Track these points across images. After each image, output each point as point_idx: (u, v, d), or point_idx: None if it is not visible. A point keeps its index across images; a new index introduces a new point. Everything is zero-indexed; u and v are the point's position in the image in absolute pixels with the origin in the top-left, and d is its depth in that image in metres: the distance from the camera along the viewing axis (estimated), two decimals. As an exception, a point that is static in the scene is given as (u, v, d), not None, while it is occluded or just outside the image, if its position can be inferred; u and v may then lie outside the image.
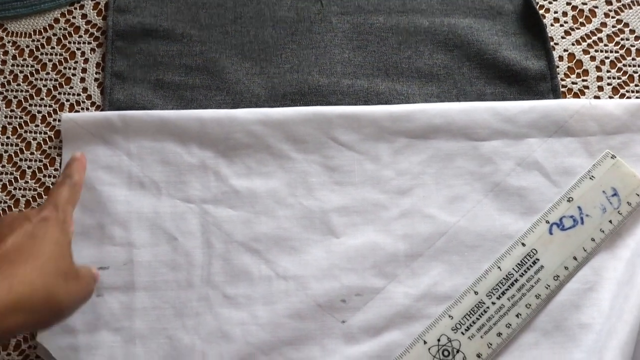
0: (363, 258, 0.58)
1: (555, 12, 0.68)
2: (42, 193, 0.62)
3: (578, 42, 0.67)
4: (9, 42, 0.67)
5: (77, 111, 0.65)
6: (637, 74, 0.65)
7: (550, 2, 0.68)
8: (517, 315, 0.56)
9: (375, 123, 0.61)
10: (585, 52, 0.66)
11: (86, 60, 0.66)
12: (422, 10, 0.67)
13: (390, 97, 0.64)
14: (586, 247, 0.58)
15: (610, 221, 0.58)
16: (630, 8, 0.67)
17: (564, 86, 0.65)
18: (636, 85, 0.65)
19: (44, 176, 0.62)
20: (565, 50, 0.66)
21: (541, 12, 0.68)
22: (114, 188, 0.60)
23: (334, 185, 0.61)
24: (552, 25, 0.67)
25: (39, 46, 0.67)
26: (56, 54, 0.67)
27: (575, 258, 0.58)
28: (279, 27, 0.67)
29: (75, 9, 0.68)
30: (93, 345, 0.56)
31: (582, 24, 0.67)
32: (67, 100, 0.65)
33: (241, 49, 0.66)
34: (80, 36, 0.67)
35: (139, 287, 0.58)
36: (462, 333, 0.56)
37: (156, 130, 0.62)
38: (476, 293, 0.57)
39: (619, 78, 0.65)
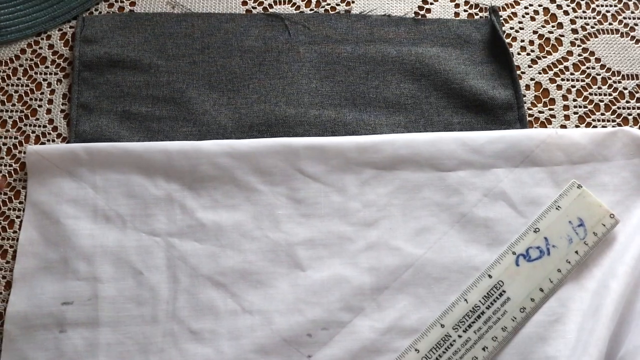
0: (329, 292, 0.58)
1: (522, 41, 0.68)
2: (6, 226, 0.61)
3: (544, 71, 0.67)
4: (-26, 73, 0.67)
5: (43, 143, 0.64)
6: (603, 103, 0.66)
7: (516, 31, 0.68)
8: (483, 349, 0.56)
9: (341, 154, 0.61)
10: (552, 80, 0.67)
11: (52, 91, 0.66)
12: (389, 39, 0.67)
13: (358, 127, 0.64)
14: (552, 278, 0.58)
15: (577, 252, 0.58)
16: (596, 37, 0.68)
17: (530, 115, 0.65)
18: (602, 114, 0.65)
19: (9, 209, 0.62)
20: (532, 79, 0.67)
21: (508, 40, 0.68)
22: (78, 221, 0.60)
23: (301, 217, 0.60)
24: (518, 54, 0.68)
25: (5, 77, 0.66)
26: (22, 85, 0.66)
27: (541, 289, 0.58)
28: (246, 57, 0.67)
29: (42, 39, 0.68)
30: (55, 384, 0.56)
31: (549, 53, 0.68)
32: (33, 132, 0.65)
33: (208, 79, 0.66)
34: (47, 67, 0.67)
35: (103, 323, 0.57)
36: (428, 367, 0.56)
37: (122, 163, 0.61)
38: (442, 326, 0.57)
39: (585, 107, 0.66)
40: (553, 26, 0.69)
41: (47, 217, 0.60)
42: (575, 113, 0.65)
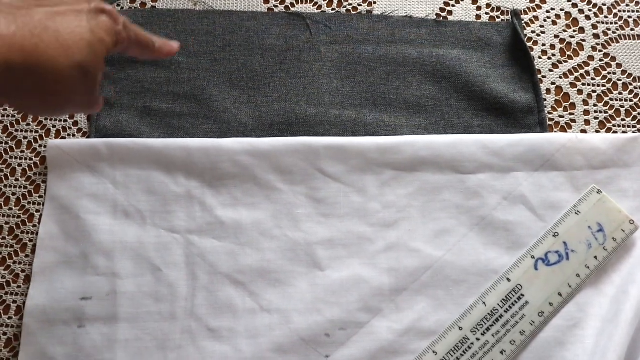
0: (347, 292, 0.58)
1: (543, 45, 0.68)
2: (26, 220, 0.61)
3: (565, 75, 0.67)
4: (-5, 66, 0.66)
5: (63, 137, 0.64)
6: (624, 109, 0.66)
7: (538, 35, 0.68)
8: (501, 352, 0.56)
9: (362, 155, 0.61)
10: (573, 85, 0.66)
11: (73, 86, 0.66)
12: (411, 40, 0.67)
13: (378, 128, 0.64)
14: (571, 283, 0.58)
15: (596, 257, 0.58)
16: (617, 42, 0.68)
17: (551, 119, 0.65)
18: (622, 120, 0.65)
19: (29, 203, 0.62)
20: (552, 83, 0.67)
21: (529, 44, 0.68)
22: (98, 217, 0.60)
23: (320, 217, 0.60)
24: (540, 57, 0.67)
25: (26, 71, 0.66)
26: (43, 79, 0.66)
27: (560, 294, 0.58)
28: (267, 55, 0.67)
29: (63, 33, 0.68)
30: (74, 378, 0.56)
31: (570, 57, 0.67)
32: (54, 126, 0.65)
33: (229, 77, 0.66)
34: (68, 61, 0.67)
35: (122, 319, 0.57)
36: (446, 369, 0.56)
37: (142, 159, 0.61)
38: (460, 329, 0.57)
39: (605, 112, 0.66)
40: (575, 31, 0.68)
41: (67, 212, 0.60)
42: (595, 118, 0.65)
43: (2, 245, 0.61)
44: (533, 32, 0.68)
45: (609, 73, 0.67)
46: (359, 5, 0.69)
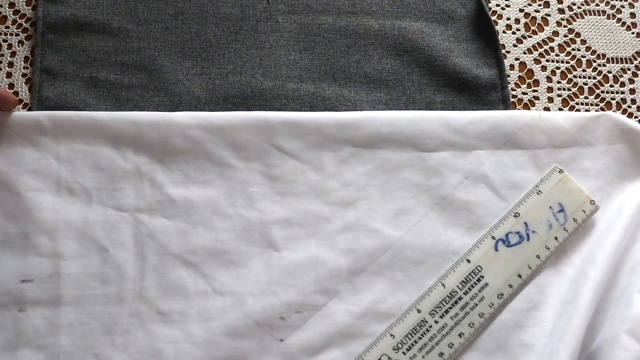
0: (303, 273, 0.56)
1: (508, 19, 0.66)
2: (-37, 197, 0.58)
3: (530, 51, 0.65)
4: None
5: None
6: (587, 86, 0.65)
7: (502, 8, 0.66)
8: (459, 335, 0.55)
9: (320, 131, 0.59)
10: (537, 61, 0.65)
11: (13, 54, 0.62)
12: (372, 11, 0.65)
13: (337, 103, 0.62)
14: (531, 264, 0.57)
15: (556, 238, 0.58)
16: (582, 18, 0.66)
17: (514, 96, 0.64)
18: (586, 98, 0.64)
19: (-35, 178, 0.58)
20: (516, 59, 0.65)
21: (493, 18, 0.66)
22: (40, 194, 0.57)
23: (276, 195, 0.58)
24: (504, 32, 0.66)
25: (-38, 36, 0.62)
26: (-20, 46, 0.62)
27: (519, 276, 0.57)
28: (222, 24, 0.63)
29: (3, -4, 0.64)
30: (14, 365, 0.53)
31: (535, 32, 0.66)
32: (-8, 96, 0.61)
33: (181, 47, 0.63)
34: (7, 27, 0.63)
35: (66, 302, 0.55)
36: (404, 353, 0.54)
37: (88, 133, 0.58)
38: (419, 311, 0.56)
39: (569, 89, 0.64)
40: (540, 5, 0.67)
41: (6, 189, 0.57)
42: (559, 95, 0.64)
43: (-63, 224, 0.57)
44: (497, 5, 0.67)
45: (573, 49, 0.66)
46: (319, -27, 0.66)
